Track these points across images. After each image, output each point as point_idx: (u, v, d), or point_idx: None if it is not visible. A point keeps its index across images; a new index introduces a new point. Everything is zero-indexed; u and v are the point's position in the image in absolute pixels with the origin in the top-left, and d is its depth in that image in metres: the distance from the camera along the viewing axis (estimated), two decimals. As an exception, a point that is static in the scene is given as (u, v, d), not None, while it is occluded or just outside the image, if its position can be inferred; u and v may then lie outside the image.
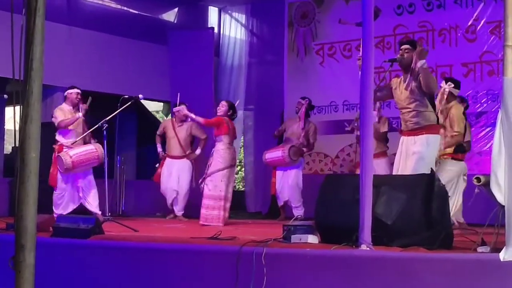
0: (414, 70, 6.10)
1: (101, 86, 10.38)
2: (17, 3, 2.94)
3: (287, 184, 9.51)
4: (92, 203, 8.30)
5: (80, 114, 8.22)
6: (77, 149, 8.13)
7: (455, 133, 7.06)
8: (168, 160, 9.59)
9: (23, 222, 2.75)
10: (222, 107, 8.52)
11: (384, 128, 8.86)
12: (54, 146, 8.26)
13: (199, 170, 9.72)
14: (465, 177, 7.28)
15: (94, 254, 5.24)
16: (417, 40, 8.62)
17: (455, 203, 7.06)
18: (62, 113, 8.33)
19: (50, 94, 9.88)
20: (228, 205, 8.30)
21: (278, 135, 9.94)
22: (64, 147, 8.21)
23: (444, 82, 7.34)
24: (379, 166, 8.47)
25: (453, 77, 7.99)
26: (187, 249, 4.96)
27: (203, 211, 8.18)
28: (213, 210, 8.15)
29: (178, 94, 9.13)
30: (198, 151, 9.65)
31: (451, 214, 6.88)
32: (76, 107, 8.41)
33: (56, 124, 8.26)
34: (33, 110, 2.55)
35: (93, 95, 9.02)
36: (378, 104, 8.66)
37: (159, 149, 9.66)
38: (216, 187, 8.17)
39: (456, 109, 7.19)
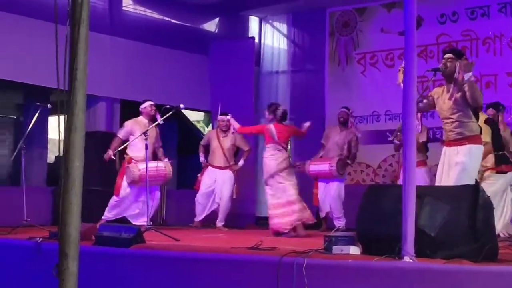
0: (457, 80, 6.03)
1: (142, 95, 10.46)
2: (61, 14, 3.00)
3: (330, 196, 9.48)
4: (141, 218, 8.38)
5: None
6: (148, 164, 8.24)
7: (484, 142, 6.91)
8: (210, 169, 9.65)
9: (67, 231, 2.78)
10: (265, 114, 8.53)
11: (423, 138, 8.77)
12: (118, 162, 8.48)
13: (241, 181, 9.77)
14: None
15: (135, 263, 5.29)
16: (461, 49, 8.54)
17: (504, 215, 6.94)
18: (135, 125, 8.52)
19: (93, 104, 10.02)
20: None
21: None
22: (133, 160, 8.35)
23: None
24: (418, 175, 8.40)
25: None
26: (228, 259, 4.97)
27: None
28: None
29: (220, 103, 9.19)
30: (241, 163, 9.68)
31: (499, 227, 6.80)
32: (152, 120, 8.54)
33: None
34: (77, 119, 2.59)
35: (136, 105, 9.14)
36: (419, 113, 8.59)
37: (202, 158, 9.72)
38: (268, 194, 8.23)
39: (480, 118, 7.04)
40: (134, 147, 8.44)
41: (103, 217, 8.32)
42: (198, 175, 9.76)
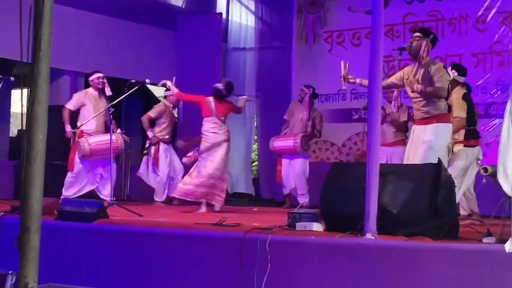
0: (422, 58, 6.09)
1: (107, 70, 10.32)
2: (25, -15, 2.95)
3: (294, 172, 9.54)
4: (104, 192, 8.39)
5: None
6: (97, 137, 8.23)
7: (455, 119, 6.99)
8: (161, 145, 9.50)
9: (28, 204, 2.77)
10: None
11: (403, 117, 8.83)
12: (74, 130, 8.38)
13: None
14: (479, 162, 7.25)
15: (98, 238, 5.28)
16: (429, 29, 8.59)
17: (464, 185, 7.04)
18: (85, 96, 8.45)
19: (56, 78, 9.91)
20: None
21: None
22: (84, 133, 8.29)
23: (450, 68, 7.28)
24: (396, 154, 8.55)
25: (460, 64, 7.95)
26: (192, 235, 4.98)
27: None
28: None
29: (174, 78, 9.08)
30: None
31: (459, 196, 6.90)
32: (101, 92, 8.46)
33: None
34: (40, 91, 2.56)
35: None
36: (396, 92, 8.65)
37: (150, 134, 9.50)
38: (205, 167, 8.05)
39: (456, 93, 7.10)
40: (84, 120, 8.38)
41: (61, 197, 8.22)
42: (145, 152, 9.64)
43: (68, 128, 8.31)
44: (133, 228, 5.35)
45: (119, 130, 8.48)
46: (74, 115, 8.59)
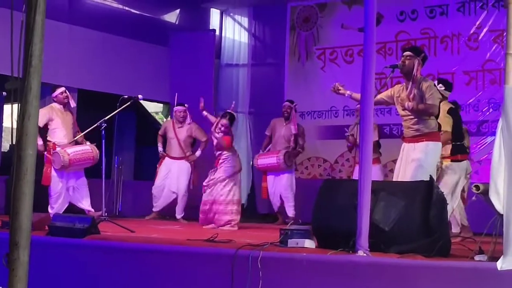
0: (415, 77, 6.10)
1: (100, 85, 10.39)
2: (17, 0, 2.94)
3: (280, 186, 9.56)
4: (85, 202, 8.49)
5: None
6: (74, 148, 8.26)
7: (440, 133, 6.99)
8: (167, 159, 9.62)
9: (18, 219, 2.74)
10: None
11: (375, 137, 8.85)
12: (43, 144, 8.30)
13: (198, 172, 9.75)
14: (469, 176, 7.26)
15: (89, 254, 5.24)
16: (420, 47, 8.63)
17: (455, 199, 7.04)
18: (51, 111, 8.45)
19: (48, 93, 9.87)
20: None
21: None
22: (57, 146, 8.28)
23: (436, 82, 7.28)
24: (372, 172, 8.52)
25: (445, 79, 7.97)
26: (183, 251, 4.95)
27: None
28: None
29: (176, 94, 9.18)
30: (198, 153, 9.66)
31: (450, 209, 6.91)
32: (66, 106, 8.49)
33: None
34: (31, 107, 2.55)
35: (91, 94, 9.06)
36: None
37: (160, 148, 9.70)
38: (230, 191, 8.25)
39: (441, 108, 7.09)
40: (54, 135, 8.40)
41: (51, 212, 8.18)
42: (157, 166, 9.72)
43: (40, 141, 8.29)
44: (125, 244, 5.31)
45: (88, 143, 8.45)
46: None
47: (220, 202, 8.22)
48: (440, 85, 7.14)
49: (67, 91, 8.60)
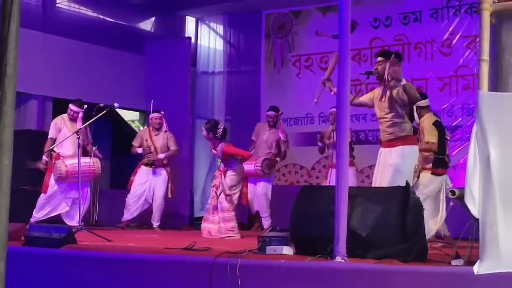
0: (387, 81, 6.15)
1: (76, 94, 10.27)
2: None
3: (257, 195, 9.54)
4: (76, 217, 8.29)
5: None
6: (74, 160, 8.14)
7: (427, 143, 7.02)
8: (143, 168, 9.54)
9: (-6, 231, 2.70)
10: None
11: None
12: (45, 162, 8.42)
13: (176, 182, 9.72)
14: (447, 190, 7.27)
15: (67, 264, 5.19)
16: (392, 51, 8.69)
17: (440, 216, 7.07)
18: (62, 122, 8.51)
19: (24, 102, 9.81)
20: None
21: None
22: (61, 156, 8.26)
23: None
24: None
25: (418, 89, 8.01)
26: (161, 259, 4.92)
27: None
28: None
29: (152, 101, 9.16)
30: (161, 156, 9.46)
31: (436, 227, 6.94)
32: (75, 120, 8.49)
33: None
34: (6, 116, 2.51)
35: (67, 103, 8.97)
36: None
37: (140, 150, 9.53)
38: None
39: (426, 120, 7.16)
40: (61, 145, 8.35)
41: (31, 219, 8.14)
42: (133, 175, 9.65)
43: (44, 158, 8.37)
44: (102, 254, 5.27)
45: (94, 148, 8.42)
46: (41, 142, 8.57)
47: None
48: None
49: (81, 113, 8.49)
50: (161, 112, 9.57)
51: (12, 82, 2.50)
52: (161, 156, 9.47)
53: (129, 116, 14.14)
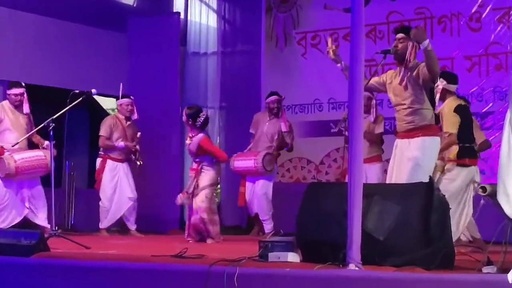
0: (409, 62, 6.13)
1: (47, 79, 10.31)
2: None
3: (256, 194, 9.53)
4: (41, 216, 8.40)
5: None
6: (23, 153, 8.15)
7: (445, 134, 6.99)
8: (110, 162, 9.52)
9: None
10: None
11: (379, 129, 8.83)
12: None
13: (165, 182, 9.77)
14: (476, 185, 7.21)
15: (38, 274, 5.20)
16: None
17: (466, 215, 7.02)
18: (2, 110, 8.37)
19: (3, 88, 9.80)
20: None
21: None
22: (5, 150, 8.18)
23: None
24: (371, 172, 8.51)
25: (447, 71, 7.99)
26: (148, 268, 4.93)
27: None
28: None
29: (121, 84, 9.16)
30: (121, 144, 9.51)
31: (462, 228, 6.90)
32: (19, 108, 8.43)
33: None
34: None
35: (38, 89, 8.97)
36: (373, 101, 8.70)
37: (122, 145, 9.52)
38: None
39: (447, 106, 7.09)
40: (3, 137, 8.37)
41: None
42: (97, 173, 9.57)
43: None
44: (79, 263, 5.28)
45: (47, 142, 8.33)
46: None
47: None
48: (441, 79, 7.11)
49: (25, 93, 8.49)
50: (131, 97, 9.57)
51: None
52: (121, 144, 9.51)
53: (109, 104, 14.13)
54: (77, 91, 7.73)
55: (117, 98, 9.63)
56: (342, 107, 10.11)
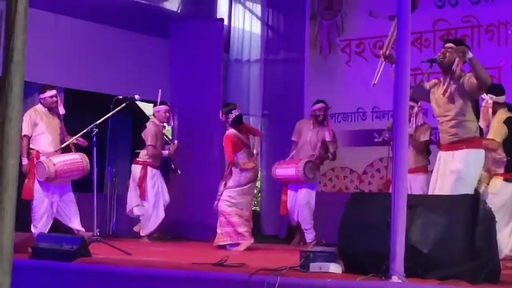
0: (455, 73, 6.08)
1: (92, 84, 10.39)
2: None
3: (298, 204, 9.51)
4: (74, 220, 8.47)
5: None
6: (61, 157, 8.27)
7: (489, 139, 6.92)
8: (150, 170, 9.61)
9: (-2, 240, 2.74)
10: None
11: (425, 137, 8.72)
12: (26, 164, 8.37)
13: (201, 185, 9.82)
14: None
15: (79, 280, 5.24)
16: (461, 38, 8.60)
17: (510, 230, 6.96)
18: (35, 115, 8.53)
19: (31, 93, 9.91)
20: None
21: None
22: (41, 154, 8.30)
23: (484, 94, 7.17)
24: (416, 184, 8.43)
25: (495, 84, 7.90)
26: (188, 277, 4.95)
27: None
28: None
29: (159, 91, 9.23)
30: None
31: (509, 247, 6.83)
32: (53, 110, 8.53)
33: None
34: (12, 110, 2.54)
35: (80, 95, 9.04)
36: (416, 108, 8.62)
37: (167, 153, 9.68)
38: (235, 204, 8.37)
39: (497, 117, 7.03)
40: (38, 142, 8.45)
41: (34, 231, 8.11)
42: (140, 180, 9.63)
43: (25, 161, 8.31)
44: (120, 269, 5.31)
45: (82, 140, 8.45)
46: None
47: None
48: (490, 95, 7.05)
49: (57, 95, 8.63)
50: (168, 104, 9.65)
51: (19, 70, 2.53)
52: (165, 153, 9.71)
53: (151, 110, 14.22)
54: (121, 97, 7.80)
55: (155, 104, 9.68)
56: (386, 116, 10.06)
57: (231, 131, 8.41)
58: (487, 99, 7.04)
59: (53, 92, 8.58)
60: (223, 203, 8.34)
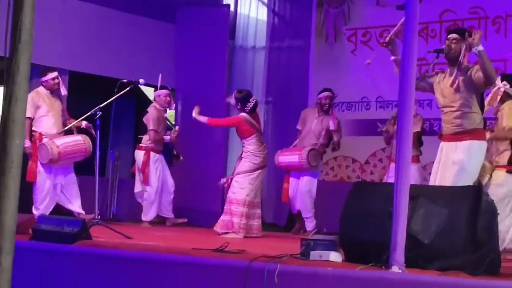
0: (461, 64, 6.08)
1: (96, 67, 10.40)
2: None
3: (299, 191, 9.52)
4: (75, 203, 8.48)
5: None
6: (64, 139, 8.30)
7: (502, 129, 6.91)
8: (152, 154, 9.62)
9: (1, 220, 2.75)
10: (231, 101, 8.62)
11: (416, 128, 8.74)
12: (30, 145, 8.34)
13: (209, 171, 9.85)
14: None
15: (79, 262, 5.27)
16: (468, 29, 8.58)
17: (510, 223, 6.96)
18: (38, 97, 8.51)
19: (37, 75, 9.93)
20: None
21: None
22: (43, 136, 8.31)
23: (499, 79, 7.18)
24: None
25: (508, 73, 7.91)
26: (188, 261, 4.97)
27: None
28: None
29: (160, 75, 9.23)
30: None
31: (508, 239, 6.84)
32: (54, 92, 8.54)
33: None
34: (19, 89, 2.54)
35: (84, 78, 9.03)
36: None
37: (167, 137, 9.71)
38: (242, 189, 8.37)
39: (508, 106, 7.04)
40: (41, 124, 8.45)
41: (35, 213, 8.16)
42: (143, 164, 9.63)
43: (27, 143, 8.25)
44: (120, 252, 5.33)
45: (85, 122, 8.44)
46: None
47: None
48: (505, 82, 7.06)
49: (59, 76, 8.64)
50: (169, 88, 9.71)
51: (27, 50, 2.53)
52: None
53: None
54: (125, 81, 7.80)
55: (156, 89, 9.69)
56: (390, 106, 10.07)
57: (243, 114, 8.45)
58: (501, 85, 7.03)
59: (55, 74, 8.59)
60: (230, 190, 8.35)
